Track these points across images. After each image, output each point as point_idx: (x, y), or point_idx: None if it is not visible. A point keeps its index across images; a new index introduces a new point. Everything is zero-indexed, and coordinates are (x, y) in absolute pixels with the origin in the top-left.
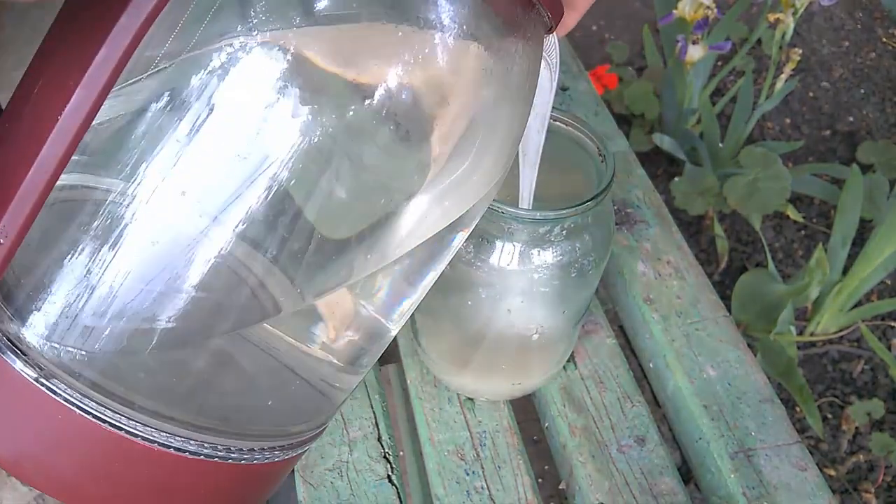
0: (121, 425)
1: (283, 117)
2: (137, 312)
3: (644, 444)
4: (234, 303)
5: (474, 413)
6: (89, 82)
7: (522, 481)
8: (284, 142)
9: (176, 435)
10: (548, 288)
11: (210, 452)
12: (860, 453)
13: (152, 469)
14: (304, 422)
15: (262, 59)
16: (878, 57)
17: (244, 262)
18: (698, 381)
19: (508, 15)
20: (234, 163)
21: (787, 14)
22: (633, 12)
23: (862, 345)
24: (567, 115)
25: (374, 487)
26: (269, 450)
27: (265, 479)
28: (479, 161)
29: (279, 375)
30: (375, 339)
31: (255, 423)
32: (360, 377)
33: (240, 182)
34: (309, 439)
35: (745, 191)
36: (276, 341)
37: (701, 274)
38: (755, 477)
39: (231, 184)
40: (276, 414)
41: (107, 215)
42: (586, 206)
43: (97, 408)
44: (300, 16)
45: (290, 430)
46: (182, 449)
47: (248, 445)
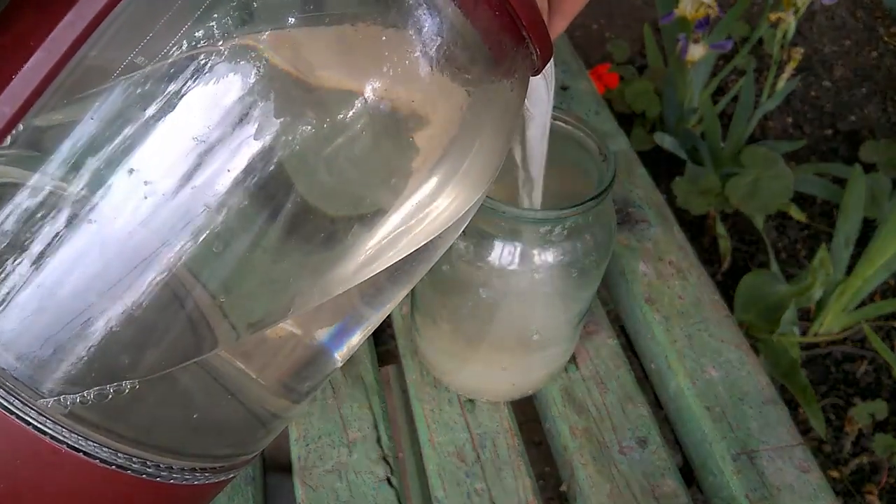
0: (28, 419)
1: (248, 134)
2: (62, 338)
3: (646, 445)
4: (170, 336)
5: (474, 414)
6: (51, 45)
7: (523, 483)
8: (244, 162)
9: (88, 440)
10: (548, 288)
11: (124, 463)
12: (863, 455)
13: (59, 473)
14: (232, 446)
15: (231, 70)
16: (879, 56)
17: (185, 290)
18: (700, 382)
19: (497, 47)
20: (189, 171)
21: (788, 13)
22: (634, 11)
23: (865, 345)
24: (568, 114)
25: (373, 489)
26: (189, 471)
27: (181, 501)
28: (450, 191)
29: (211, 392)
30: (318, 369)
31: (178, 439)
32: (299, 407)
33: (191, 197)
34: (237, 465)
35: (747, 190)
36: (212, 357)
37: (703, 274)
38: (758, 478)
39: (182, 198)
40: (204, 433)
41: (33, 218)
42: (587, 206)
43: (5, 396)
44: (277, 19)
45: (216, 453)
46: (92, 455)
47: (165, 462)
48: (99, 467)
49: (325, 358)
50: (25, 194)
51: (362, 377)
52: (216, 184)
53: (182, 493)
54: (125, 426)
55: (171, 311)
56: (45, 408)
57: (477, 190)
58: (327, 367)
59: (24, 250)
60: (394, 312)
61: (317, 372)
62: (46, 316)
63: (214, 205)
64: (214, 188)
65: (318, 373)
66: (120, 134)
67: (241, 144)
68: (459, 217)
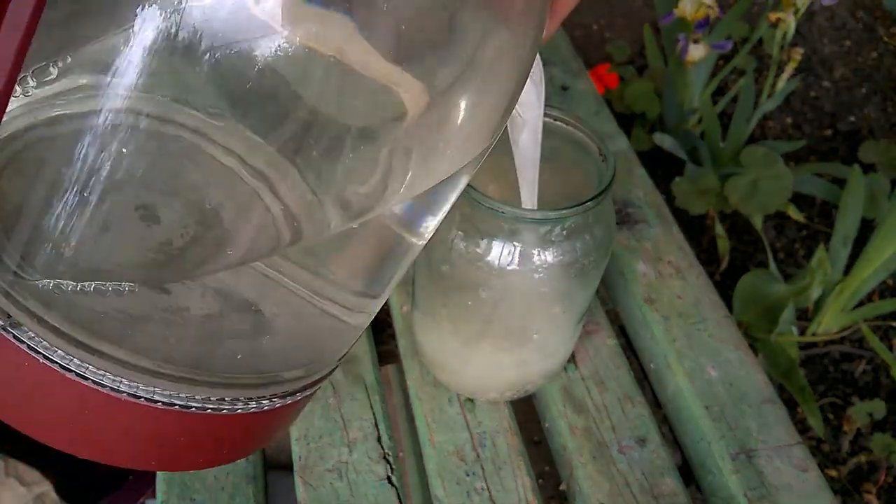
0: (86, 375)
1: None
2: (117, 235)
3: (645, 444)
4: (244, 223)
5: (474, 414)
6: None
7: (523, 482)
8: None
9: (144, 385)
10: (548, 288)
11: (183, 403)
12: (862, 454)
13: (122, 418)
14: (303, 365)
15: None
16: (879, 56)
17: (255, 170)
18: (699, 381)
19: None
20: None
21: (788, 13)
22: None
23: (863, 345)
24: (567, 114)
25: (373, 488)
26: (256, 399)
27: (255, 429)
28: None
29: (278, 307)
30: (399, 255)
31: (238, 369)
32: (379, 301)
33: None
34: (311, 384)
35: (747, 190)
36: (272, 263)
37: (702, 274)
38: (756, 478)
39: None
40: (267, 356)
41: (71, 120)
42: (587, 206)
43: (63, 356)
44: None
45: (284, 377)
46: (153, 399)
47: (229, 395)
48: (159, 409)
49: (405, 243)
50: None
51: (363, 377)
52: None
53: (253, 422)
54: (175, 367)
55: (248, 199)
56: (101, 363)
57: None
58: (408, 252)
59: (93, 173)
60: (394, 312)
61: (397, 259)
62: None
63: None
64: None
65: (399, 260)
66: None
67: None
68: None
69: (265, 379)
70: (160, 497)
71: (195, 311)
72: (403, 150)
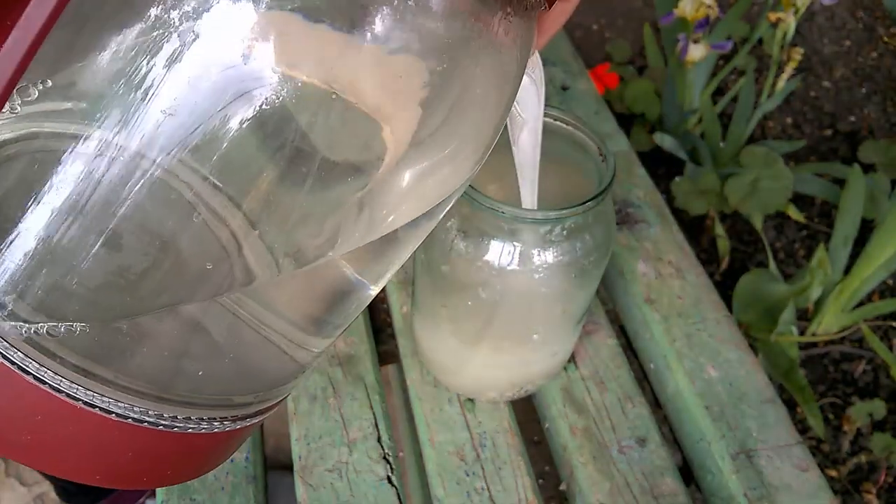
0: (44, 379)
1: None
2: (86, 271)
3: (645, 444)
4: (205, 266)
5: (474, 414)
6: (26, 23)
7: (523, 482)
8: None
9: (103, 395)
10: (548, 288)
11: (137, 417)
12: (862, 454)
13: (76, 427)
14: (253, 392)
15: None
16: (879, 56)
17: (220, 219)
18: (699, 381)
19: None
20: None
21: (788, 13)
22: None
23: (863, 345)
24: (567, 114)
25: (373, 488)
26: (208, 420)
27: (202, 450)
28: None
29: (228, 334)
30: (354, 300)
31: (192, 388)
32: (329, 342)
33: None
34: (261, 411)
35: (747, 190)
36: (237, 297)
37: (702, 274)
38: (756, 478)
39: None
40: (220, 380)
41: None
42: (587, 206)
43: (22, 358)
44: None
45: (235, 401)
46: (107, 410)
47: (182, 413)
48: (113, 421)
49: (359, 288)
50: (63, 142)
51: (363, 377)
52: (238, 115)
53: (200, 443)
54: (135, 380)
55: (206, 241)
56: (60, 369)
57: (482, 140)
58: (362, 297)
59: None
60: (394, 312)
61: (350, 302)
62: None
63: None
64: (236, 119)
65: (352, 304)
66: (140, 72)
67: (249, 86)
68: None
69: (218, 401)
70: (160, 497)
71: (152, 329)
72: (359, 204)
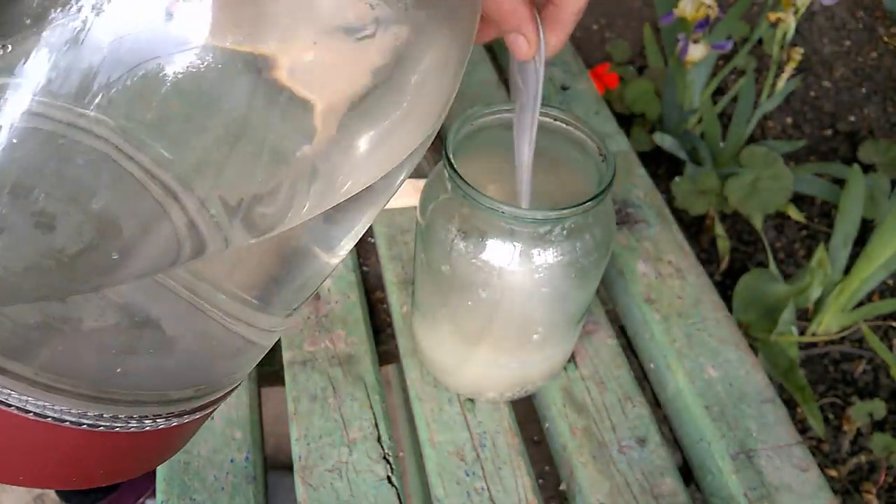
0: None
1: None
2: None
3: (645, 444)
4: (145, 234)
5: (474, 414)
6: None
7: (523, 482)
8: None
9: (20, 394)
10: (548, 288)
11: (57, 416)
12: (861, 454)
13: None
14: (194, 384)
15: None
16: (879, 56)
17: (162, 182)
18: (699, 381)
19: None
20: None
21: (788, 13)
22: (633, 11)
23: (863, 345)
24: (567, 114)
25: (373, 488)
26: (138, 418)
27: (135, 449)
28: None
29: (164, 316)
30: (308, 270)
31: (120, 384)
32: (286, 319)
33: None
34: (203, 406)
35: (747, 190)
36: (171, 273)
37: (702, 274)
38: (756, 478)
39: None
40: (157, 373)
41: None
42: (587, 206)
43: None
44: None
45: (171, 397)
46: (24, 409)
47: (108, 412)
48: (32, 421)
49: (317, 259)
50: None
51: (363, 377)
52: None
53: (135, 441)
54: (53, 376)
55: (145, 208)
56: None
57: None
58: (320, 269)
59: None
60: (394, 312)
61: (307, 274)
62: None
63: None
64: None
65: (310, 276)
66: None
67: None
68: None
69: (151, 398)
70: (160, 497)
71: (87, 321)
72: (311, 170)
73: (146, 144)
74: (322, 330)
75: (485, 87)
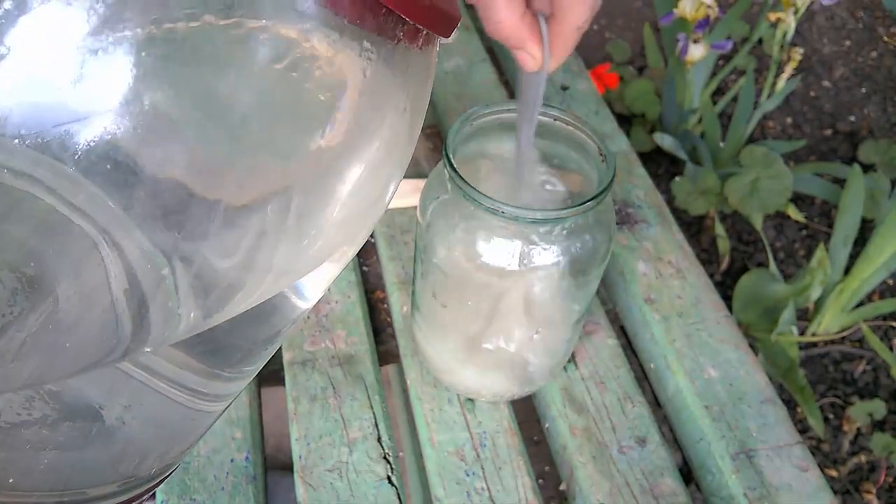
0: None
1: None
2: None
3: (645, 444)
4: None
5: (474, 414)
6: None
7: (523, 482)
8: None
9: None
10: (548, 288)
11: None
12: (861, 454)
13: None
14: (120, 478)
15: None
16: (879, 56)
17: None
18: (699, 381)
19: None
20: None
21: (788, 13)
22: (633, 11)
23: (863, 345)
24: (567, 114)
25: (373, 488)
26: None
27: None
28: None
29: (112, 401)
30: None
31: (36, 484)
32: (236, 385)
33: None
34: (139, 495)
35: (747, 190)
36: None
37: (702, 274)
38: (756, 478)
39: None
40: (81, 469)
41: None
42: (587, 206)
43: None
44: None
45: (89, 494)
46: None
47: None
48: None
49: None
50: None
51: (363, 377)
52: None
53: None
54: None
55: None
56: None
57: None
58: (289, 317)
59: None
60: (394, 312)
61: (274, 327)
62: None
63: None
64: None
65: (276, 328)
66: None
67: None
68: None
69: (68, 497)
70: (160, 497)
71: (7, 416)
72: (271, 234)
73: (82, 186)
74: (322, 330)
75: (485, 87)
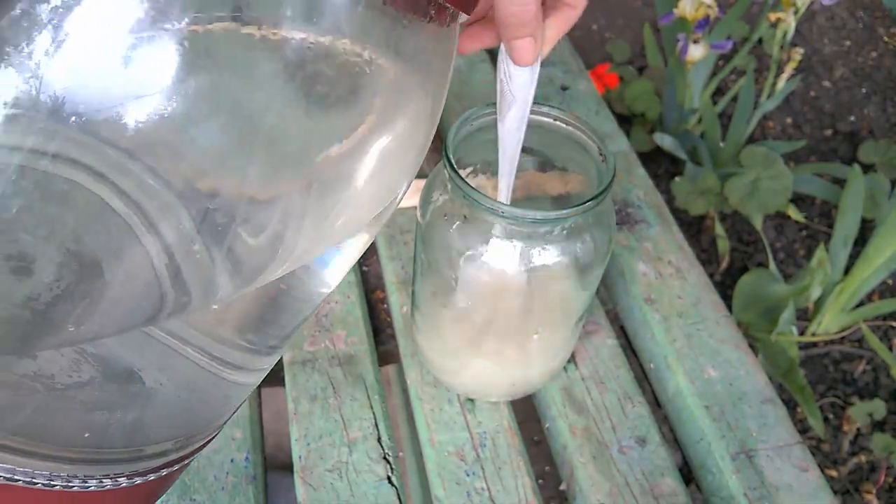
0: None
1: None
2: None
3: (645, 444)
4: (131, 288)
5: (474, 414)
6: None
7: (523, 482)
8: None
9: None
10: (548, 288)
11: (28, 480)
12: (861, 454)
13: None
14: (174, 437)
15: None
16: (879, 56)
17: (151, 226)
18: (699, 381)
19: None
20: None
21: (788, 13)
22: (633, 11)
23: (863, 345)
24: (567, 114)
25: (373, 488)
26: (113, 476)
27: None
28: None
29: (153, 369)
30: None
31: (96, 443)
32: (271, 359)
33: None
34: (177, 460)
35: (747, 191)
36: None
37: (702, 274)
38: (756, 478)
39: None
40: (136, 428)
41: None
42: (587, 207)
43: None
44: None
45: (147, 452)
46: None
47: (81, 472)
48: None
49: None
50: None
51: (363, 377)
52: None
53: (115, 499)
54: (36, 435)
55: (132, 257)
56: None
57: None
58: (311, 299)
59: None
60: (394, 312)
61: (299, 308)
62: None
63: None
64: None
65: (301, 309)
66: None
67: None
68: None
69: (128, 454)
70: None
71: (61, 378)
72: (300, 213)
73: (127, 168)
74: (322, 330)
75: (485, 87)
